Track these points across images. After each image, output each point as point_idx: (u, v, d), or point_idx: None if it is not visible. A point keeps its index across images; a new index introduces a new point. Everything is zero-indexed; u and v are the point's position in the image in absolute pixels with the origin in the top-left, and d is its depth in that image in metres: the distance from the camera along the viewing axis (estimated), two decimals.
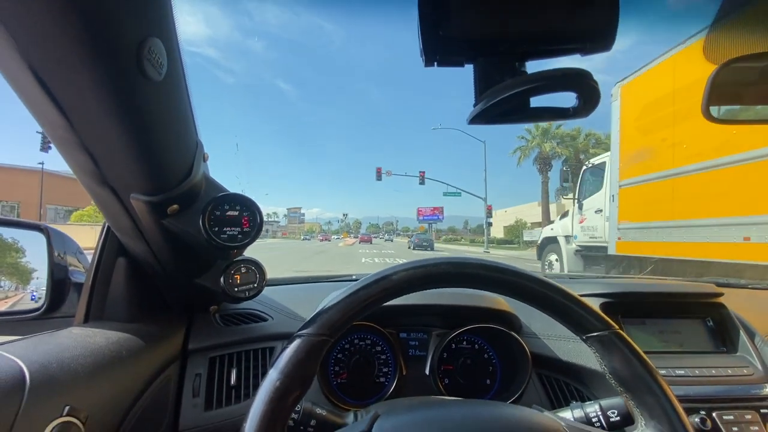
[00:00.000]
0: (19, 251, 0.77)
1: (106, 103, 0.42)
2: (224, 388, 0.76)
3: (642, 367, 0.45)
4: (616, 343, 0.46)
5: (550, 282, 0.48)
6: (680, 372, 0.80)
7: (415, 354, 0.89)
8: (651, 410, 0.45)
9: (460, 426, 0.45)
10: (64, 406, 0.49)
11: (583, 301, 0.48)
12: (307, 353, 0.43)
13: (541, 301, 0.48)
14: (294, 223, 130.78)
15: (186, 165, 0.59)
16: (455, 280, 0.49)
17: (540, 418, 0.47)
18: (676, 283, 1.11)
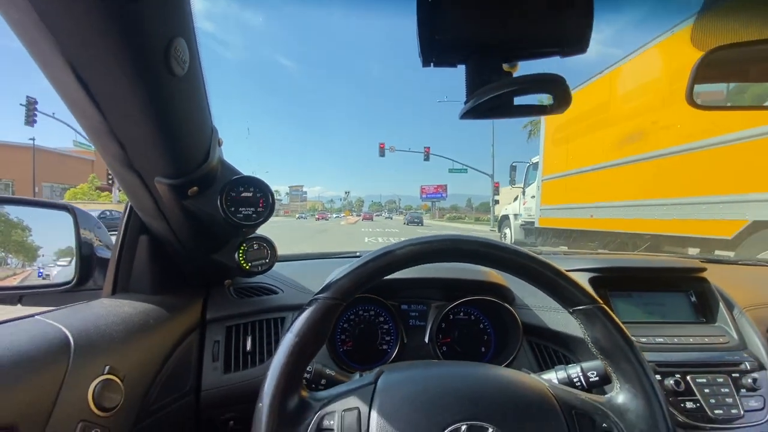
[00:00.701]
0: (25, 230, 0.82)
1: (137, 97, 0.46)
2: (240, 353, 0.83)
3: (621, 338, 0.51)
4: (599, 316, 0.52)
5: (541, 259, 0.53)
6: (659, 340, 0.86)
7: (416, 324, 0.96)
8: (626, 375, 0.50)
9: (456, 381, 0.51)
10: (105, 365, 0.55)
11: (571, 276, 0.53)
12: (322, 314, 0.50)
13: (533, 276, 0.53)
14: (296, 201, 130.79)
15: (203, 150, 0.64)
16: (454, 255, 0.54)
17: (527, 379, 0.53)
18: (662, 258, 1.16)
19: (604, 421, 0.49)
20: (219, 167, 0.70)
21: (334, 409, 0.48)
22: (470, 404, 0.47)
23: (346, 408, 0.48)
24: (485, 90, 0.37)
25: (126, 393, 0.57)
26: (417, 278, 0.92)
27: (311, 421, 0.47)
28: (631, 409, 0.49)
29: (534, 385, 0.51)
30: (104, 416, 0.53)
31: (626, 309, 0.95)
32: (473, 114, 0.39)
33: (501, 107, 0.38)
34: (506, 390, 0.50)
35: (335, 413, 0.47)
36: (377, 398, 0.48)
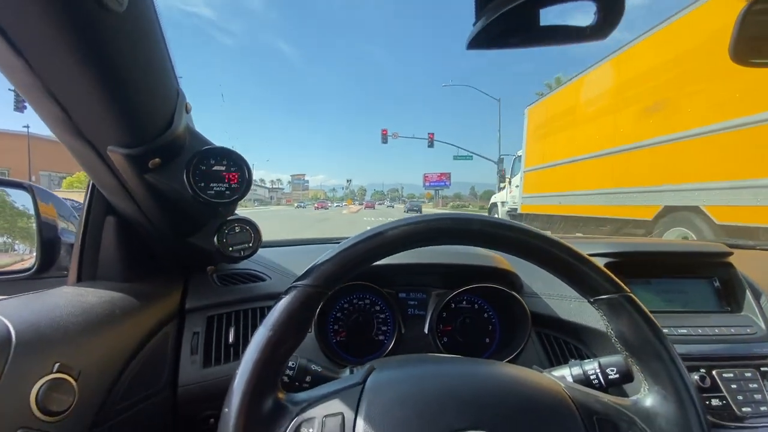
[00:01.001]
0: (31, 217, 0.77)
1: (63, 38, 0.37)
2: (222, 346, 0.76)
3: (651, 332, 0.44)
4: (626, 306, 0.44)
5: (557, 240, 0.46)
6: (683, 331, 0.79)
7: (414, 313, 0.89)
8: (656, 376, 0.43)
9: (456, 381, 0.44)
10: (54, 363, 0.48)
11: (593, 261, 0.46)
12: (300, 304, 0.43)
13: (547, 261, 0.46)
14: (298, 190, 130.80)
15: (166, 115, 0.55)
16: (456, 236, 0.46)
17: (539, 378, 0.46)
18: (684, 243, 1.08)
19: (630, 428, 0.41)
20: (186, 136, 0.62)
21: (314, 415, 0.41)
22: (473, 409, 0.40)
23: (328, 413, 0.40)
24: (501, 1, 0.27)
25: (81, 393, 0.50)
26: (416, 264, 0.84)
27: (287, 429, 0.40)
28: (661, 414, 0.42)
29: (548, 386, 0.44)
30: (50, 421, 0.46)
31: (645, 297, 0.87)
32: (483, 40, 0.29)
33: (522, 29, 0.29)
34: (515, 392, 0.43)
35: (315, 420, 0.40)
36: (365, 401, 0.41)
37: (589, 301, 0.46)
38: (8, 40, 0.37)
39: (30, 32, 0.37)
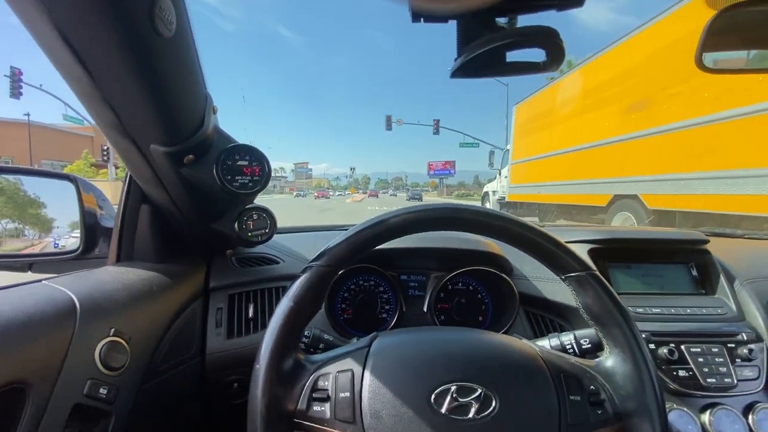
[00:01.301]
0: (41, 205, 0.85)
1: (124, 59, 0.46)
2: (243, 320, 0.86)
3: (611, 304, 0.51)
4: (591, 282, 0.52)
5: (536, 227, 0.53)
6: (656, 310, 0.86)
7: (415, 294, 0.98)
8: (615, 340, 0.51)
9: (447, 345, 0.52)
10: (110, 328, 0.58)
11: (564, 244, 0.53)
12: (316, 281, 0.51)
13: (528, 244, 0.53)
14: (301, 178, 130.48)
15: (198, 117, 0.64)
16: (452, 223, 0.54)
17: (518, 343, 0.54)
18: (664, 230, 1.15)
19: (591, 383, 0.50)
20: (214, 135, 0.70)
21: (328, 371, 0.49)
22: (460, 366, 0.49)
23: (340, 370, 0.49)
24: (475, 45, 0.35)
25: (132, 354, 0.60)
26: (416, 248, 0.92)
27: (306, 382, 0.49)
28: (619, 372, 0.50)
29: (524, 349, 0.53)
30: (112, 375, 0.55)
31: (625, 280, 0.95)
32: (463, 72, 0.38)
33: (492, 64, 0.37)
34: (496, 353, 0.51)
35: (330, 374, 0.49)
36: (370, 361, 0.50)
37: (561, 278, 0.54)
38: (79, 58, 0.45)
39: (97, 52, 0.45)
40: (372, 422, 0.45)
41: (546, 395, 0.48)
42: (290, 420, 0.47)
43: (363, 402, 0.46)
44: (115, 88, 0.51)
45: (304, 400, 0.48)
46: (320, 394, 0.48)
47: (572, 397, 0.48)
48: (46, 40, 0.44)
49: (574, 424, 0.47)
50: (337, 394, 0.47)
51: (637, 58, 4.88)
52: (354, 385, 0.48)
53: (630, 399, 0.48)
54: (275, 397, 0.46)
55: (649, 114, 4.65)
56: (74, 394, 0.50)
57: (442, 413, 0.45)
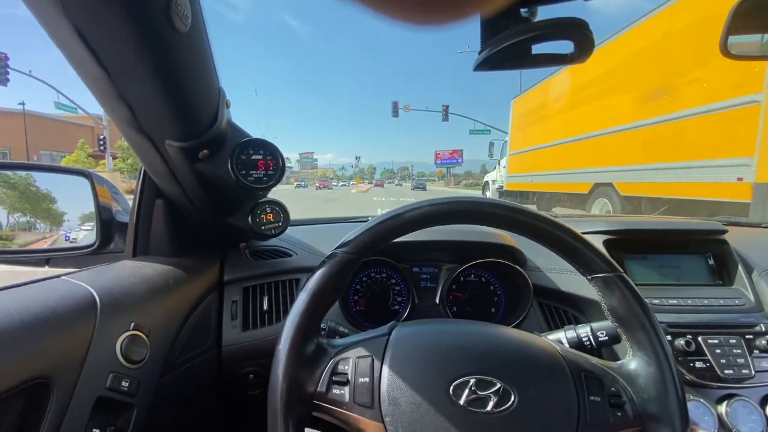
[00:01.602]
0: (52, 200, 0.86)
1: (140, 55, 0.45)
2: (258, 312, 0.86)
3: (638, 306, 0.50)
4: (618, 284, 0.51)
5: (561, 223, 0.52)
6: (673, 302, 0.85)
7: (427, 286, 0.98)
8: (640, 344, 0.50)
9: (467, 338, 0.52)
10: (130, 322, 0.59)
11: (591, 243, 0.52)
12: (340, 268, 0.51)
13: (552, 241, 0.52)
14: (307, 168, 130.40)
15: (212, 112, 0.63)
16: (473, 216, 0.53)
17: (538, 341, 0.54)
18: (680, 220, 1.13)
19: (613, 385, 0.49)
20: (228, 129, 0.70)
21: (348, 356, 0.50)
22: (480, 360, 0.48)
23: (360, 355, 0.50)
24: (501, 38, 0.34)
25: (151, 347, 0.60)
26: (428, 240, 0.92)
27: (327, 366, 0.49)
28: (642, 376, 0.49)
29: (545, 347, 0.52)
30: (133, 368, 0.56)
31: (641, 271, 0.94)
32: (488, 65, 0.37)
33: (518, 56, 0.36)
34: (517, 349, 0.51)
35: (350, 359, 0.49)
36: (390, 348, 0.50)
37: (587, 278, 0.53)
38: (96, 56, 0.44)
39: (114, 49, 0.44)
40: (390, 408, 0.46)
41: (565, 394, 0.47)
42: (310, 401, 0.48)
43: (381, 388, 0.47)
44: (132, 85, 0.50)
45: (324, 382, 0.48)
46: (340, 378, 0.48)
47: (592, 398, 0.47)
48: (62, 37, 0.43)
49: (593, 424, 0.46)
50: (357, 379, 0.48)
51: (609, 65, 5.75)
52: (373, 371, 0.48)
53: (652, 402, 0.48)
54: (296, 379, 0.47)
55: (618, 113, 5.55)
56: (97, 388, 0.51)
57: (460, 404, 0.45)
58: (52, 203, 0.87)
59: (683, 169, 4.39)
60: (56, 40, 0.44)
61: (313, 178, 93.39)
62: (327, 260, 0.52)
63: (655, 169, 4.81)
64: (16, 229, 0.84)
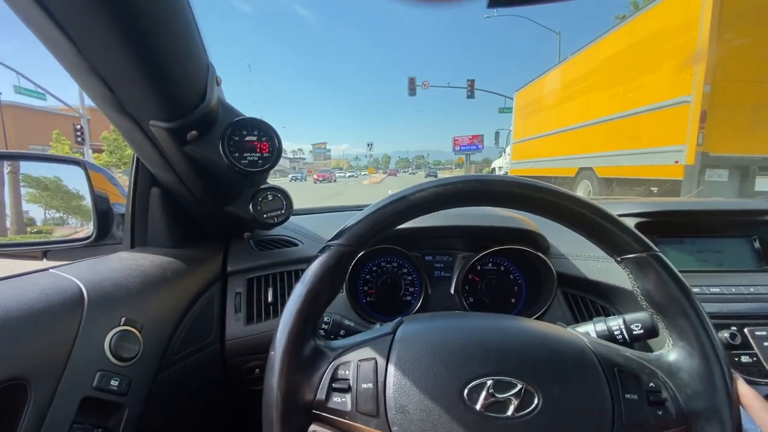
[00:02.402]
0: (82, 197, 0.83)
1: (107, 21, 0.40)
2: (262, 305, 0.82)
3: (678, 289, 0.43)
4: (653, 264, 0.44)
5: (586, 200, 0.45)
6: (715, 290, 0.78)
7: (441, 275, 0.92)
8: (681, 332, 0.44)
9: (481, 333, 0.46)
10: (121, 317, 0.55)
11: (621, 220, 0.45)
12: (335, 261, 0.46)
13: (575, 220, 0.46)
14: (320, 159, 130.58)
15: (199, 89, 0.58)
16: (484, 197, 0.47)
17: (562, 332, 0.47)
18: (720, 200, 1.03)
19: (651, 380, 0.43)
20: (219, 109, 0.64)
21: (349, 359, 0.45)
22: (497, 358, 0.42)
23: (362, 358, 0.45)
24: None
25: (145, 342, 0.57)
26: (441, 226, 0.86)
27: (325, 371, 0.44)
28: (685, 368, 0.43)
29: (570, 339, 0.46)
30: (123, 365, 0.53)
31: (678, 257, 0.85)
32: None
33: None
34: (538, 344, 0.45)
35: (350, 363, 0.44)
36: (395, 349, 0.45)
37: (615, 260, 0.47)
38: (58, 24, 0.39)
39: (76, 14, 0.39)
40: (397, 417, 0.41)
41: (597, 392, 0.41)
42: (308, 411, 0.43)
43: (387, 394, 0.42)
44: (104, 58, 0.45)
45: (323, 390, 0.44)
46: (341, 384, 0.43)
47: (628, 396, 0.41)
48: (19, 4, 0.38)
49: (631, 425, 0.40)
50: (359, 385, 0.43)
51: (590, 66, 7.06)
52: (377, 376, 0.43)
53: (697, 398, 0.41)
54: (293, 387, 0.42)
55: (596, 108, 6.75)
56: (82, 388, 0.48)
57: (476, 410, 0.40)
58: (82, 200, 0.85)
59: (640, 155, 5.62)
60: (12, 6, 0.39)
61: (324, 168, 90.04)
62: (320, 254, 0.46)
63: (622, 155, 6.06)
64: (52, 224, 0.85)
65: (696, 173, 4.64)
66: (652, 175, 5.37)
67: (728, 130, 4.59)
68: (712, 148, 4.62)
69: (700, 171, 4.66)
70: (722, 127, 4.58)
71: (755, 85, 4.61)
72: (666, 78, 5.10)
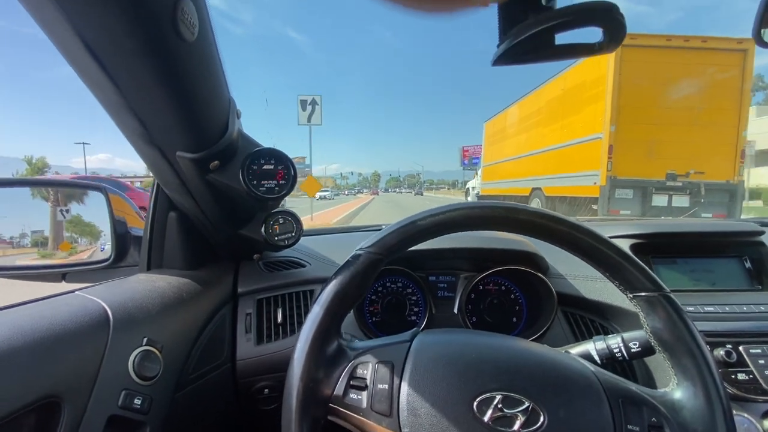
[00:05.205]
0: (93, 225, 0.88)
1: (149, 66, 0.45)
2: (272, 325, 0.85)
3: (686, 331, 0.46)
4: (664, 304, 0.47)
5: (603, 237, 0.48)
6: (709, 309, 0.80)
7: (444, 295, 0.94)
8: (686, 372, 0.46)
9: (493, 351, 0.49)
10: (143, 337, 0.57)
11: (635, 259, 0.48)
12: (365, 267, 0.49)
13: (593, 255, 0.49)
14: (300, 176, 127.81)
15: (222, 122, 0.62)
16: (507, 224, 0.50)
17: (571, 360, 0.50)
18: (712, 222, 1.07)
19: (654, 415, 0.44)
20: (239, 140, 0.69)
21: (368, 360, 0.48)
22: (508, 375, 0.45)
23: (380, 360, 0.47)
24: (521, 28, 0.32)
25: (165, 363, 0.59)
26: (445, 248, 0.89)
27: (345, 368, 0.47)
28: (688, 408, 0.45)
29: (578, 367, 0.48)
30: (145, 385, 0.55)
31: (671, 276, 0.89)
32: (507, 58, 0.34)
33: (540, 48, 0.33)
34: (548, 367, 0.47)
35: (369, 364, 0.47)
36: (412, 356, 0.47)
37: (627, 296, 0.49)
38: (103, 67, 0.44)
39: (123, 62, 0.44)
40: (409, 418, 0.43)
41: (601, 419, 0.43)
42: (326, 404, 0.46)
43: (401, 396, 0.44)
44: (141, 97, 0.50)
45: (342, 386, 0.46)
46: (358, 383, 0.46)
47: (630, 427, 0.43)
48: (71, 51, 0.43)
49: None
50: (375, 385, 0.46)
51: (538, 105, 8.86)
52: (393, 378, 0.46)
53: None
54: (313, 380, 0.45)
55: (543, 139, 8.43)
56: (109, 406, 0.50)
57: (484, 421, 0.42)
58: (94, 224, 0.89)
59: (572, 178, 7.10)
60: (65, 55, 0.43)
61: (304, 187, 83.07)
62: (351, 260, 0.50)
63: (561, 178, 7.58)
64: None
65: (607, 192, 6.14)
66: (581, 194, 6.82)
67: (630, 159, 6.10)
68: (619, 172, 6.13)
69: (610, 190, 6.14)
70: (625, 157, 6.08)
71: (649, 127, 6.15)
72: (587, 118, 6.73)
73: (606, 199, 6.13)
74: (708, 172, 6.04)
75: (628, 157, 6.12)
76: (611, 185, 6.15)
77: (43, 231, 0.85)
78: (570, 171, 7.25)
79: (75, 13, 0.37)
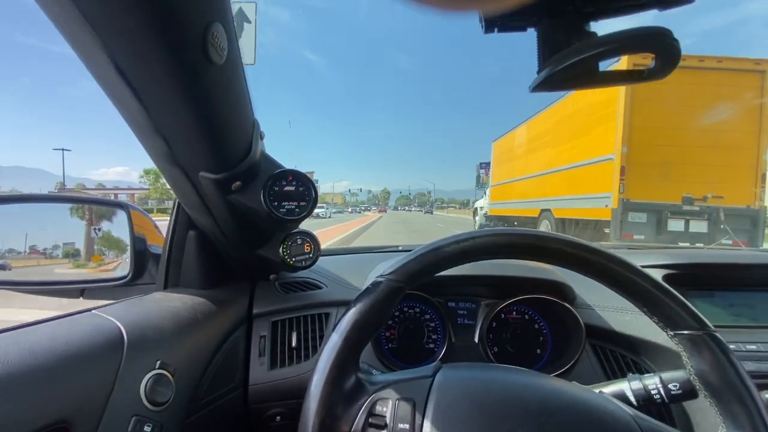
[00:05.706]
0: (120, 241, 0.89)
1: (178, 88, 0.45)
2: (286, 349, 0.82)
3: (735, 375, 0.42)
4: (710, 345, 0.43)
5: (638, 268, 0.45)
6: (752, 347, 0.75)
7: (464, 323, 0.91)
8: (737, 420, 0.42)
9: (523, 390, 0.45)
10: (156, 360, 0.56)
11: (675, 293, 0.45)
12: (385, 295, 0.47)
13: (627, 287, 0.46)
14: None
15: (246, 144, 0.62)
16: (536, 252, 0.48)
17: (607, 403, 0.46)
18: (750, 253, 1.02)
19: None
20: (261, 161, 0.68)
21: (388, 396, 0.45)
22: (539, 418, 0.41)
23: (400, 397, 0.44)
24: (564, 55, 0.30)
25: (176, 387, 0.57)
26: (466, 275, 0.86)
27: (364, 404, 0.44)
28: None
29: (616, 412, 0.44)
30: (156, 410, 0.53)
31: (708, 311, 0.83)
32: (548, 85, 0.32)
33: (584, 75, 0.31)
34: (580, 410, 0.43)
35: (389, 400, 0.44)
36: (435, 392, 0.44)
37: (668, 335, 0.46)
38: (132, 89, 0.44)
39: (153, 85, 0.44)
40: None
41: None
42: None
43: None
44: (167, 118, 0.50)
45: (360, 423, 0.43)
46: (377, 420, 0.43)
47: None
48: (101, 72, 0.43)
49: None
50: (396, 424, 0.42)
51: (546, 126, 8.57)
52: (415, 417, 0.42)
53: None
54: (330, 414, 0.42)
55: (552, 160, 8.12)
56: None
57: None
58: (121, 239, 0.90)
59: (583, 200, 6.84)
60: (96, 77, 0.44)
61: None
62: (372, 288, 0.47)
63: (571, 199, 7.29)
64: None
65: (620, 215, 5.82)
66: (592, 217, 6.53)
67: (643, 182, 5.84)
68: (631, 195, 5.84)
69: (623, 213, 5.83)
70: (639, 179, 5.82)
71: (662, 148, 5.91)
72: (598, 139, 6.47)
73: (618, 223, 5.85)
74: (727, 197, 5.72)
75: (641, 180, 5.86)
76: (624, 208, 5.88)
77: (74, 243, 0.88)
78: (581, 193, 7.02)
79: (109, 37, 0.38)
